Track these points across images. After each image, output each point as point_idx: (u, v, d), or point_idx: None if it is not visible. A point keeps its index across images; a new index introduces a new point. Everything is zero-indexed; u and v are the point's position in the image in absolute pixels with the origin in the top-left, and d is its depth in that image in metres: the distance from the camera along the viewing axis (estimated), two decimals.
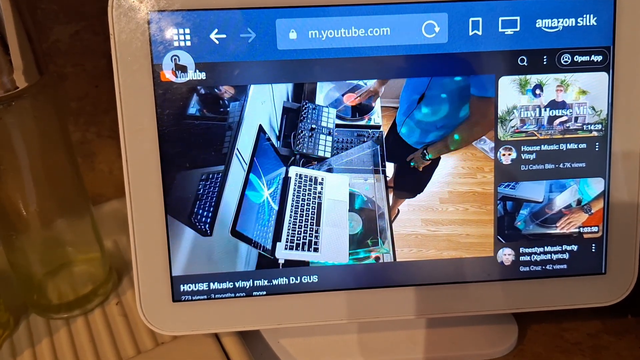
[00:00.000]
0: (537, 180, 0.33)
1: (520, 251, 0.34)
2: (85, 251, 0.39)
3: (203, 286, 0.33)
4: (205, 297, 0.33)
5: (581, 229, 0.34)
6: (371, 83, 0.32)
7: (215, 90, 0.31)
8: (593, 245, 0.34)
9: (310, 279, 0.34)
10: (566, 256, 0.34)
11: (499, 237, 0.34)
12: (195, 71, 0.30)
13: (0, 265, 0.38)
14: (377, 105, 0.32)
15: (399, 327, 0.37)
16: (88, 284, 0.38)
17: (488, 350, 0.36)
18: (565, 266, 0.34)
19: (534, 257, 0.34)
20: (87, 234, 0.38)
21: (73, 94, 0.41)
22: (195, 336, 0.35)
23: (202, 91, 0.31)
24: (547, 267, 0.34)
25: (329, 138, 0.33)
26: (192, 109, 0.31)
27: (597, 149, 0.33)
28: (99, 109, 0.42)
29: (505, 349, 0.36)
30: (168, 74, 0.30)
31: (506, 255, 0.34)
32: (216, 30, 0.30)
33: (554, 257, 0.34)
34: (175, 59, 0.30)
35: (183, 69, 0.30)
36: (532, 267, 0.34)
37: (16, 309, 0.38)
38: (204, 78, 0.30)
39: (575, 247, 0.34)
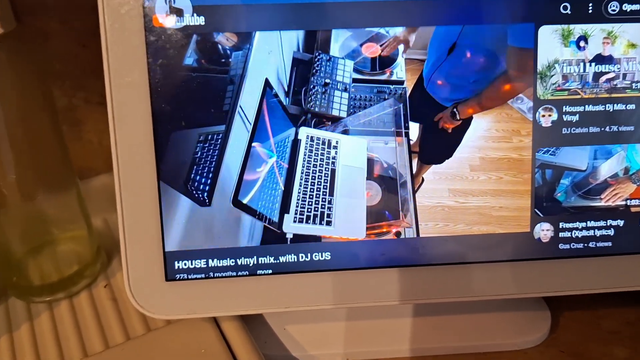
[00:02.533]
0: (580, 146, 0.32)
1: (560, 226, 0.32)
2: (71, 228, 0.37)
3: (200, 263, 0.32)
4: (202, 275, 0.32)
5: (628, 201, 0.32)
6: (394, 31, 0.29)
7: (216, 37, 0.29)
8: None
9: (322, 257, 0.32)
10: (611, 232, 0.33)
11: (536, 210, 0.32)
12: (192, 15, 0.28)
13: None
14: (401, 57, 0.30)
15: (420, 312, 0.36)
16: (73, 264, 0.37)
17: (518, 339, 0.35)
18: (609, 244, 0.33)
19: (575, 233, 0.32)
20: (72, 209, 0.37)
21: (58, 54, 0.39)
22: (192, 320, 0.34)
23: (201, 39, 0.29)
24: (590, 244, 0.33)
25: (345, 95, 0.31)
26: (189, 60, 0.29)
27: None
28: (87, 72, 0.40)
29: (537, 339, 0.35)
30: (161, 19, 0.28)
31: (544, 230, 0.33)
32: None
33: (598, 233, 0.33)
34: (169, 1, 0.28)
35: (179, 12, 0.28)
36: (573, 245, 0.33)
37: None
38: (203, 23, 0.28)
39: (621, 222, 0.32)
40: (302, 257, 0.32)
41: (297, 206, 0.31)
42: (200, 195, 0.30)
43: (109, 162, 0.38)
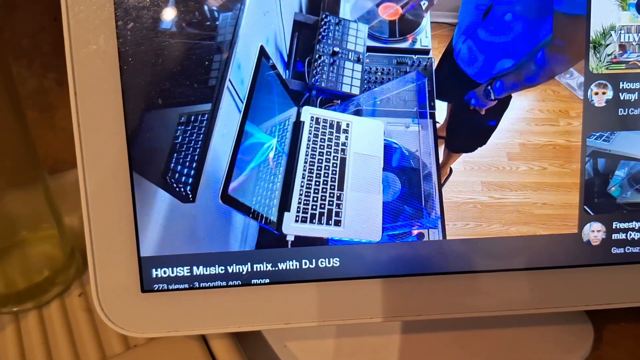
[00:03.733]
0: None
1: (614, 227, 0.30)
2: (39, 228, 0.36)
3: (183, 271, 0.29)
4: (186, 286, 0.29)
5: None
6: None
7: None
8: None
9: (329, 263, 0.29)
10: None
11: (585, 207, 0.30)
12: None
13: None
14: (426, 20, 0.27)
15: (444, 327, 0.34)
16: (44, 270, 0.35)
17: (557, 356, 0.32)
18: None
19: (630, 234, 0.29)
20: (39, 207, 0.35)
21: (25, 29, 0.37)
22: (176, 338, 0.31)
23: None
24: None
25: (358, 67, 0.28)
26: (167, 24, 0.25)
27: None
28: (59, 49, 0.36)
29: (577, 357, 0.33)
30: None
31: (595, 232, 0.30)
32: None
33: None
34: None
35: None
36: (628, 249, 0.30)
37: None
38: None
39: None
40: (305, 263, 0.29)
41: (299, 203, 0.29)
42: (182, 189, 0.27)
43: None
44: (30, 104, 0.34)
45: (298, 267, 0.29)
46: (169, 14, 0.25)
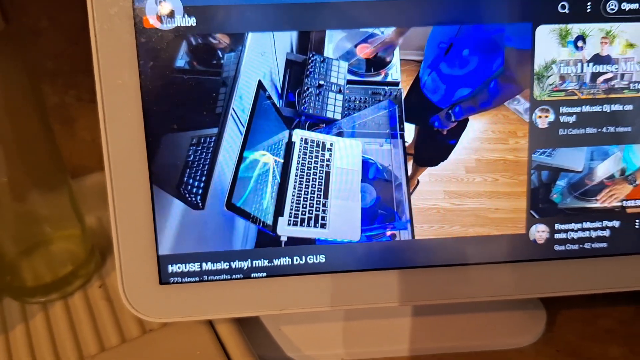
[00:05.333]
0: (577, 147, 0.32)
1: (556, 228, 0.32)
2: (64, 227, 0.38)
3: (194, 267, 0.32)
4: (197, 279, 0.32)
5: (624, 202, 0.32)
6: (389, 32, 0.29)
7: (208, 39, 0.29)
8: (637, 221, 0.32)
9: (316, 259, 0.32)
10: (607, 233, 0.33)
11: (532, 211, 0.32)
12: (183, 16, 0.28)
13: None
14: (396, 58, 0.30)
15: (416, 312, 0.37)
16: (67, 264, 0.37)
17: (514, 339, 0.36)
18: (605, 245, 0.33)
19: (570, 234, 0.33)
20: (64, 208, 0.37)
21: (49, 51, 0.39)
22: (187, 323, 0.34)
23: (192, 40, 0.28)
24: (585, 245, 0.33)
25: (339, 96, 0.31)
26: (181, 61, 0.29)
27: None
28: (79, 69, 0.40)
29: (533, 337, 0.36)
30: (152, 20, 0.28)
31: (540, 232, 0.33)
32: None
33: (593, 234, 0.33)
34: (160, 1, 0.27)
35: (169, 13, 0.27)
36: (569, 246, 0.33)
37: None
38: (194, 24, 0.28)
39: (617, 223, 0.33)
40: (296, 259, 0.32)
41: (291, 209, 0.31)
42: (194, 199, 0.30)
43: (102, 160, 0.38)
44: (53, 117, 0.37)
45: (290, 262, 0.32)
46: (182, 55, 0.28)
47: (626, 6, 0.29)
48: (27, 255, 0.37)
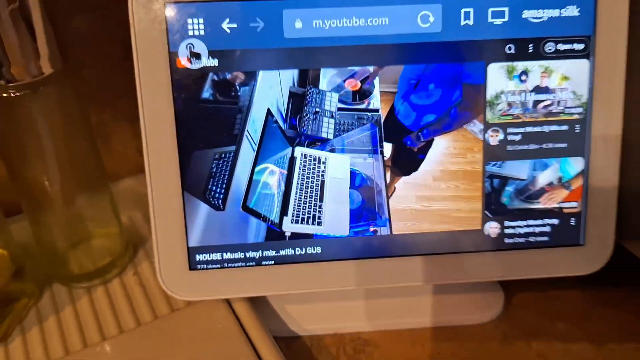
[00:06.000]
0: (522, 160, 0.35)
1: (505, 225, 0.36)
2: (104, 226, 0.40)
3: (216, 256, 0.35)
4: (218, 266, 0.35)
5: (561, 204, 0.36)
6: (370, 69, 0.33)
7: (227, 75, 0.33)
8: (572, 219, 0.36)
9: (314, 250, 0.36)
10: (547, 229, 0.36)
11: (486, 211, 0.36)
12: (208, 58, 0.32)
13: (26, 240, 0.40)
14: (376, 90, 0.34)
15: (394, 294, 0.39)
16: (107, 256, 0.40)
17: (476, 315, 0.39)
18: (546, 238, 0.36)
19: (517, 230, 0.36)
20: (105, 211, 0.40)
21: (90, 79, 0.43)
22: (208, 302, 0.37)
23: (215, 77, 0.33)
24: (530, 239, 0.36)
25: (332, 120, 0.34)
26: (206, 93, 0.33)
27: (577, 131, 0.35)
28: (115, 93, 0.43)
29: (492, 314, 0.39)
30: (183, 61, 0.32)
31: (492, 228, 0.36)
32: (227, 20, 0.32)
33: (536, 230, 0.36)
34: (190, 47, 0.32)
35: (197, 56, 0.32)
36: (516, 239, 0.36)
37: (41, 279, 0.40)
38: (217, 64, 0.32)
39: (556, 221, 0.36)
40: (298, 250, 0.35)
41: (294, 210, 0.35)
42: (216, 202, 0.34)
43: (133, 168, 0.44)
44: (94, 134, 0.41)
45: (293, 253, 0.35)
46: (207, 88, 0.32)
47: (561, 47, 0.33)
48: (73, 249, 0.40)
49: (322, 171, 0.35)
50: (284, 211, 0.35)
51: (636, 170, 0.36)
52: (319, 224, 0.35)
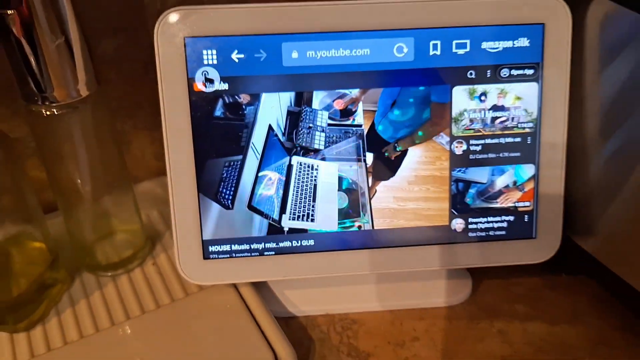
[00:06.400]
0: (482, 166, 0.38)
1: (469, 221, 0.39)
2: (127, 223, 0.43)
3: (226, 247, 0.38)
4: (227, 256, 0.38)
5: (516, 203, 0.39)
6: (354, 92, 0.37)
7: (236, 97, 0.36)
8: (526, 216, 0.39)
9: (308, 243, 0.38)
10: (505, 224, 0.39)
11: (452, 210, 0.39)
12: (220, 83, 0.35)
13: (60, 233, 0.42)
14: (359, 109, 0.37)
15: (376, 280, 0.42)
16: (129, 249, 0.43)
17: (447, 299, 0.42)
18: (504, 232, 0.39)
19: (479, 225, 0.39)
20: (128, 209, 0.42)
21: (114, 93, 0.45)
22: (218, 286, 0.39)
23: (226, 98, 0.36)
24: (490, 233, 0.39)
25: (322, 134, 0.37)
26: (218, 112, 0.36)
27: (529, 142, 0.38)
28: (135, 106, 0.46)
29: (460, 298, 0.42)
30: (199, 85, 0.35)
31: (458, 224, 0.39)
32: (236, 51, 0.36)
33: (495, 225, 0.39)
34: (205, 74, 0.35)
35: (211, 81, 0.35)
36: (479, 233, 0.39)
37: (72, 268, 0.43)
38: (227, 88, 0.36)
39: (512, 218, 0.39)
40: (294, 243, 0.38)
41: (291, 209, 0.37)
42: (226, 202, 0.37)
43: (150, 171, 0.46)
44: None
45: (291, 245, 0.38)
46: (218, 108, 0.36)
47: (514, 72, 0.37)
48: (100, 242, 0.42)
49: (315, 176, 0.37)
50: (282, 210, 0.37)
51: (580, 174, 0.40)
52: (312, 220, 0.38)
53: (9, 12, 0.33)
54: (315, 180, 0.38)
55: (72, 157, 0.38)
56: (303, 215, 0.38)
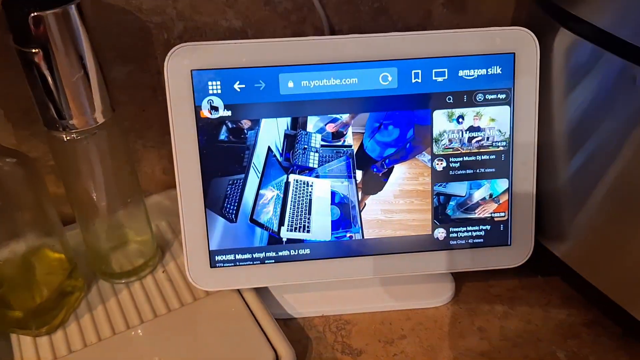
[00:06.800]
0: (461, 181, 0.41)
1: (450, 230, 0.42)
2: (139, 234, 0.46)
3: (231, 256, 0.40)
4: (232, 264, 0.40)
5: (492, 214, 0.42)
6: (345, 116, 0.40)
7: (238, 123, 0.38)
8: (501, 225, 0.42)
9: (304, 251, 0.41)
10: (482, 233, 0.42)
11: (435, 220, 0.41)
12: (224, 110, 0.38)
13: (78, 244, 0.44)
14: (349, 131, 0.40)
15: (366, 284, 0.45)
16: (141, 258, 0.45)
17: (432, 300, 0.44)
18: (482, 240, 0.42)
19: (459, 234, 0.42)
20: (140, 221, 0.45)
21: (125, 115, 0.48)
22: (224, 292, 0.42)
23: (229, 124, 0.38)
24: (469, 240, 0.42)
25: (317, 154, 0.39)
26: (222, 136, 0.38)
27: (503, 159, 0.41)
28: (144, 126, 0.49)
29: (445, 299, 0.45)
30: (205, 113, 0.38)
31: (440, 233, 0.42)
32: (238, 82, 0.38)
33: (474, 234, 0.42)
34: (210, 102, 0.38)
35: (216, 108, 0.38)
36: (459, 241, 0.42)
37: (89, 276, 0.45)
38: (230, 115, 0.38)
39: (488, 227, 0.42)
40: (292, 252, 0.41)
41: (289, 221, 0.40)
42: (230, 216, 0.39)
43: (159, 186, 0.49)
44: None
45: (289, 254, 0.41)
46: (223, 132, 0.39)
47: (488, 97, 0.40)
48: (114, 252, 0.44)
49: (310, 192, 0.40)
50: (281, 222, 0.40)
51: (549, 187, 0.43)
52: (308, 231, 0.40)
53: (34, 50, 0.36)
54: (310, 195, 0.40)
55: (90, 175, 0.41)
56: (300, 227, 0.40)
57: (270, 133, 0.39)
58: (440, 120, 0.40)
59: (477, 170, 0.41)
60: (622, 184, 0.36)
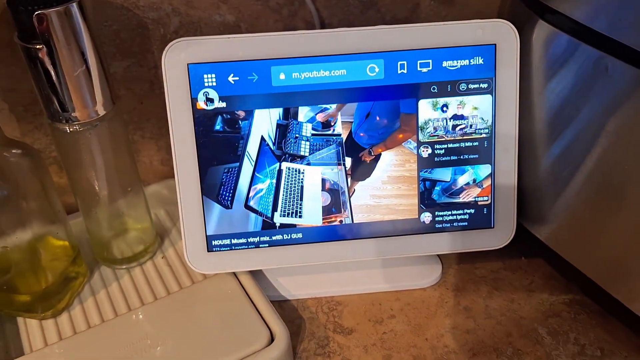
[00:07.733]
0: (446, 167, 0.42)
1: (436, 214, 0.43)
2: (139, 221, 0.47)
3: (227, 241, 0.42)
4: (228, 248, 0.42)
5: (476, 198, 0.43)
6: (334, 106, 0.41)
7: (232, 114, 0.40)
8: (484, 209, 0.44)
9: (297, 236, 0.42)
10: (467, 217, 0.43)
11: (421, 205, 0.43)
12: (219, 102, 0.39)
13: (80, 232, 0.46)
14: (338, 120, 0.41)
15: (357, 267, 0.46)
16: (141, 245, 0.47)
17: (420, 281, 0.46)
18: (466, 223, 0.44)
19: (445, 217, 0.43)
20: (140, 209, 0.47)
21: (125, 108, 0.49)
22: (220, 275, 0.43)
23: (224, 114, 0.40)
24: (454, 224, 0.43)
25: (307, 143, 0.41)
26: (218, 126, 0.40)
27: (485, 145, 0.43)
28: (143, 118, 0.50)
29: (432, 281, 0.46)
30: (201, 104, 0.39)
31: (426, 217, 0.43)
32: (232, 74, 0.40)
33: (459, 217, 0.43)
34: (206, 94, 0.39)
35: (211, 100, 0.39)
36: (444, 224, 0.43)
37: (91, 262, 0.47)
38: (225, 106, 0.39)
39: (472, 211, 0.43)
40: (285, 236, 0.42)
41: (282, 207, 0.41)
42: (226, 203, 0.41)
43: (157, 176, 0.50)
44: None
45: (282, 238, 0.42)
46: (218, 122, 0.40)
47: (471, 86, 0.41)
48: (115, 239, 0.46)
49: (302, 179, 0.41)
50: (274, 208, 0.41)
51: (530, 172, 0.45)
52: (300, 216, 0.41)
53: (38, 46, 0.38)
54: (302, 182, 0.41)
55: (91, 165, 0.42)
56: (292, 212, 0.41)
57: (263, 123, 0.40)
58: (426, 109, 0.41)
59: (461, 157, 0.43)
60: (599, 168, 0.38)
